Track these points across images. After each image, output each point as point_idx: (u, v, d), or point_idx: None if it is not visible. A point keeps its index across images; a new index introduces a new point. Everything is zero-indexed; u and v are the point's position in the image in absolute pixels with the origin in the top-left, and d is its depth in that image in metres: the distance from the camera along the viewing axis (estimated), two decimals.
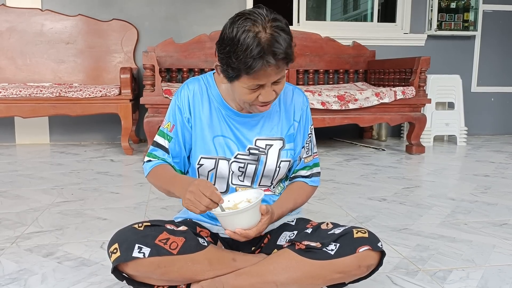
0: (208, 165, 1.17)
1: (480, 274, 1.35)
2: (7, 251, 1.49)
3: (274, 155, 1.18)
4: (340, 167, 2.92)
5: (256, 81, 1.02)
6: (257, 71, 0.99)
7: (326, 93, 3.21)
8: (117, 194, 2.21)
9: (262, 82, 1.03)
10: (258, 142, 1.18)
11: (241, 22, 0.99)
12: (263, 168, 1.18)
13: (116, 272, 1.03)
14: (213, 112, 1.17)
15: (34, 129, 3.74)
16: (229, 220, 1.04)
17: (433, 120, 3.83)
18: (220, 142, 1.17)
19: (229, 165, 1.17)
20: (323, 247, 1.05)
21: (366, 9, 6.12)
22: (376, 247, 1.05)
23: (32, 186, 2.35)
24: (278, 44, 0.98)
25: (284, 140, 1.20)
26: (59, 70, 3.68)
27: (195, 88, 1.18)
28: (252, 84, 1.03)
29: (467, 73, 4.35)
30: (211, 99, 1.18)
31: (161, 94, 2.98)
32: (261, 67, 0.98)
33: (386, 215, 1.92)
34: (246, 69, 0.99)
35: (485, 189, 2.38)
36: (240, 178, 1.18)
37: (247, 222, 1.04)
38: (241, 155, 1.17)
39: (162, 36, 3.76)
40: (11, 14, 3.58)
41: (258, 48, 0.96)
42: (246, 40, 0.97)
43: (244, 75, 1.01)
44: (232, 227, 1.04)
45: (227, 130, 1.17)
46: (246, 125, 1.18)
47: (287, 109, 1.21)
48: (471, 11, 4.20)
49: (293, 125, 1.22)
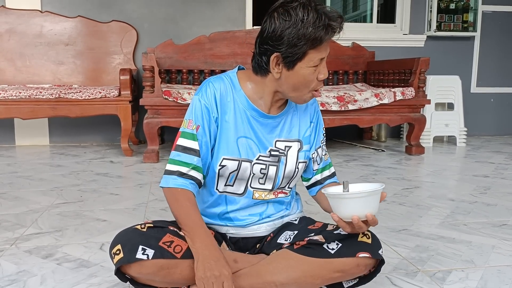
0: (230, 166, 1.13)
1: (480, 274, 1.35)
2: (6, 253, 1.48)
3: (293, 157, 1.18)
4: (340, 168, 2.92)
5: (320, 54, 1.05)
6: (325, 40, 1.03)
7: (325, 94, 3.21)
8: (116, 196, 2.20)
9: (323, 54, 1.06)
10: (278, 143, 1.17)
11: (290, 5, 1.03)
12: (284, 170, 1.17)
13: (119, 274, 1.03)
14: (237, 113, 1.14)
15: (34, 131, 3.74)
16: (361, 203, 0.97)
17: (432, 121, 3.83)
18: (243, 143, 1.14)
19: (251, 167, 1.14)
20: (325, 243, 1.06)
21: (365, 10, 6.13)
22: (376, 254, 1.06)
23: (31, 187, 2.35)
24: (331, 14, 1.03)
25: (301, 142, 1.20)
26: (58, 71, 3.68)
27: (221, 87, 1.13)
28: (317, 58, 1.05)
29: (467, 73, 4.36)
30: (235, 99, 1.14)
31: (161, 96, 2.98)
32: (329, 34, 1.03)
33: (386, 216, 1.92)
34: (315, 41, 1.02)
35: (484, 190, 2.38)
36: (261, 181, 1.17)
37: (376, 206, 0.99)
38: (263, 156, 1.16)
39: (161, 37, 3.77)
40: (10, 15, 3.58)
41: (323, 17, 1.02)
42: (310, 14, 1.01)
43: (311, 50, 1.03)
44: (361, 212, 0.97)
45: (249, 131, 1.15)
46: (268, 126, 1.17)
47: (303, 111, 1.22)
48: (470, 12, 4.20)
49: (310, 127, 1.23)
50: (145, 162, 3.02)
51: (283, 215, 1.23)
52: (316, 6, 1.03)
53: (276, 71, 1.07)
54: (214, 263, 0.99)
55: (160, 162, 3.05)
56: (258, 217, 1.19)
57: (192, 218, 1.06)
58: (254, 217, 1.19)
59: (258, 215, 1.19)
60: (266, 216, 1.20)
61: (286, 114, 1.19)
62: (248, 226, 1.19)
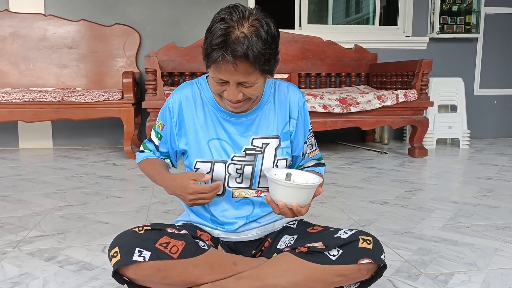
0: (204, 168, 1.16)
1: (482, 277, 1.35)
2: (9, 255, 1.49)
3: (270, 154, 1.18)
4: (342, 170, 2.92)
5: (218, 74, 1.03)
6: (215, 63, 1.00)
7: (328, 96, 3.21)
8: (119, 198, 2.21)
9: (223, 77, 1.03)
10: (255, 141, 1.17)
11: (223, 12, 1.00)
12: (260, 168, 1.17)
13: (117, 276, 1.04)
14: (207, 116, 1.17)
15: (37, 134, 3.76)
16: (290, 192, 1.03)
17: (435, 123, 3.82)
18: (216, 145, 1.16)
19: (226, 167, 1.16)
20: (325, 250, 1.05)
21: (368, 13, 6.13)
22: (379, 260, 1.05)
23: (34, 190, 2.36)
24: (241, 44, 0.96)
25: (279, 138, 1.19)
26: (62, 74, 3.70)
27: (188, 93, 1.19)
28: (215, 76, 1.04)
29: (470, 75, 4.35)
30: (205, 102, 1.18)
31: (163, 98, 2.99)
32: (218, 59, 0.98)
33: (388, 219, 1.91)
34: (206, 57, 1.02)
35: (487, 192, 2.37)
36: (237, 180, 1.18)
37: (305, 199, 1.04)
38: (237, 157, 1.16)
39: (164, 40, 3.78)
40: (14, 19, 3.60)
41: (221, 39, 0.97)
42: (216, 29, 0.98)
43: (211, 65, 1.03)
44: (288, 200, 1.03)
45: (222, 132, 1.17)
46: (241, 125, 1.17)
47: (282, 106, 1.20)
48: (473, 14, 4.20)
49: (290, 123, 1.20)
50: None
51: (274, 220, 1.23)
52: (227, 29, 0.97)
53: None
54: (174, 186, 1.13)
55: None
56: (245, 220, 1.20)
57: (157, 169, 1.21)
58: (240, 220, 1.19)
59: (244, 218, 1.20)
60: (253, 220, 1.20)
61: (260, 109, 1.18)
62: (238, 231, 1.19)
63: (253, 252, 1.21)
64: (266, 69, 1.03)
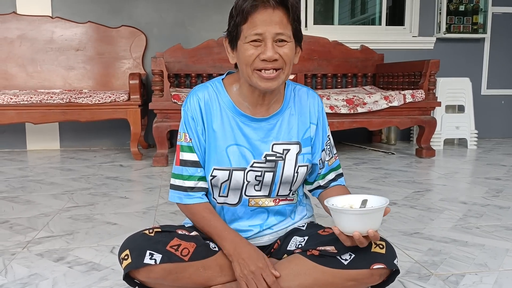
0: (221, 176, 1.10)
1: (494, 278, 1.33)
2: (18, 256, 1.49)
3: (291, 160, 1.12)
4: (349, 171, 2.90)
5: (254, 28, 0.99)
6: (253, 13, 0.99)
7: (334, 97, 3.20)
8: (126, 199, 2.21)
9: (260, 29, 0.99)
10: (276, 147, 1.12)
11: None
12: (281, 175, 1.12)
13: (128, 279, 1.03)
14: (225, 120, 1.11)
15: (45, 135, 3.78)
16: (364, 219, 0.95)
17: (443, 124, 3.80)
18: (234, 151, 1.10)
19: (245, 175, 1.10)
20: (338, 254, 1.03)
21: (374, 13, 6.11)
22: (392, 265, 1.03)
23: (42, 191, 2.37)
24: None
25: (300, 144, 1.14)
26: (69, 76, 3.71)
27: (205, 96, 1.11)
28: (251, 33, 1.00)
29: (477, 75, 4.32)
30: (222, 106, 1.11)
31: (170, 100, 2.99)
32: (257, 7, 0.98)
33: (397, 219, 1.90)
34: (243, 14, 0.99)
35: (496, 193, 2.35)
36: (256, 188, 1.12)
37: (378, 223, 0.97)
38: (257, 163, 1.10)
39: (170, 42, 3.78)
40: (22, 22, 3.62)
41: None
42: None
43: (243, 25, 1.01)
44: (362, 228, 0.95)
45: (241, 138, 1.10)
46: (262, 130, 1.11)
47: (302, 112, 1.16)
48: (480, 14, 4.17)
49: (310, 128, 1.16)
50: (154, 166, 3.03)
51: (287, 226, 1.20)
52: None
53: (231, 55, 1.08)
54: (247, 259, 1.02)
55: (169, 165, 3.05)
56: (259, 228, 1.16)
57: (214, 225, 1.09)
58: (255, 228, 1.16)
59: (258, 226, 1.16)
60: (267, 227, 1.17)
61: (281, 114, 1.13)
62: (250, 238, 1.16)
63: None
64: (298, 30, 1.04)
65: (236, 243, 1.06)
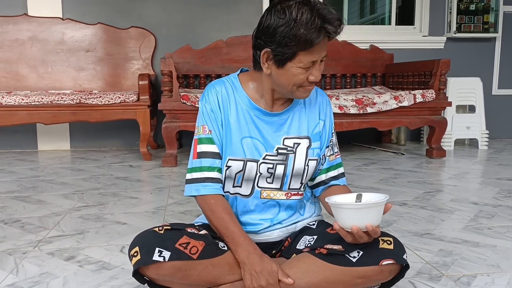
0: (236, 167, 1.13)
1: (507, 279, 1.32)
2: (30, 255, 1.51)
3: (302, 154, 1.16)
4: (359, 171, 2.89)
5: (311, 56, 1.03)
6: (317, 44, 1.00)
7: (343, 97, 3.19)
8: (136, 199, 2.22)
9: (316, 57, 1.03)
10: (286, 141, 1.16)
11: (287, 3, 1.01)
12: (292, 168, 1.15)
13: (137, 275, 1.04)
14: (240, 113, 1.15)
15: (55, 136, 3.81)
16: (361, 214, 0.96)
17: (453, 124, 3.76)
18: (248, 144, 1.14)
19: (258, 166, 1.14)
20: (345, 253, 1.03)
21: (383, 13, 6.08)
22: (401, 260, 1.03)
23: (53, 191, 2.39)
24: (331, 12, 1.00)
25: (310, 138, 1.18)
26: (79, 77, 3.74)
27: (222, 90, 1.15)
28: (308, 61, 1.03)
29: (488, 75, 4.27)
30: (238, 100, 1.15)
31: (179, 100, 3.00)
32: (321, 38, 1.00)
33: (407, 220, 1.88)
34: (306, 43, 1.00)
35: (508, 193, 2.32)
36: (268, 180, 1.15)
37: (377, 218, 0.98)
38: (270, 155, 1.14)
39: (179, 42, 3.80)
40: (33, 23, 3.66)
41: (318, 19, 0.99)
42: (304, 15, 0.99)
43: (301, 52, 1.01)
44: (361, 223, 0.96)
45: (254, 131, 1.14)
46: (274, 124, 1.16)
47: (312, 108, 1.20)
48: (491, 13, 4.13)
49: (319, 124, 1.20)
50: (163, 166, 3.04)
51: (297, 221, 1.21)
52: (314, 7, 1.00)
53: (266, 66, 1.08)
54: (260, 272, 1.03)
55: (179, 166, 3.06)
56: (270, 222, 1.18)
57: (231, 229, 1.08)
58: (265, 222, 1.18)
59: (269, 220, 1.18)
60: (277, 222, 1.19)
61: (292, 110, 1.17)
62: (260, 232, 1.18)
63: (272, 252, 1.20)
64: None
65: (250, 252, 1.06)
